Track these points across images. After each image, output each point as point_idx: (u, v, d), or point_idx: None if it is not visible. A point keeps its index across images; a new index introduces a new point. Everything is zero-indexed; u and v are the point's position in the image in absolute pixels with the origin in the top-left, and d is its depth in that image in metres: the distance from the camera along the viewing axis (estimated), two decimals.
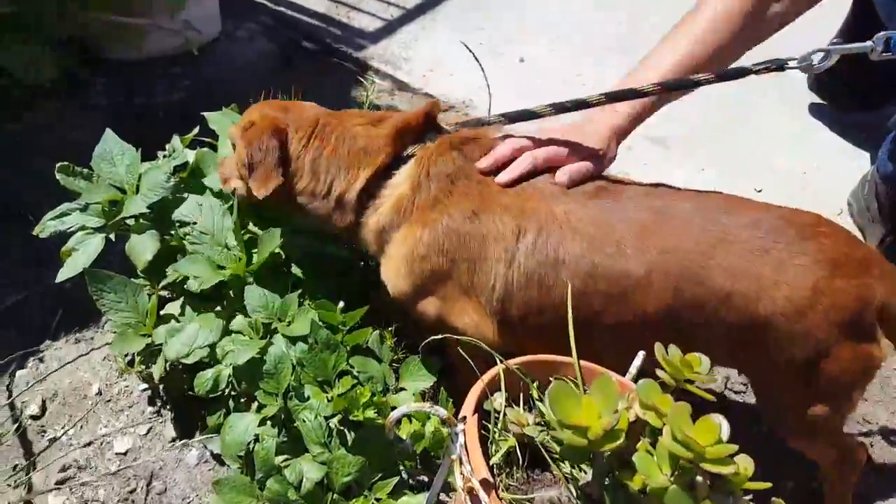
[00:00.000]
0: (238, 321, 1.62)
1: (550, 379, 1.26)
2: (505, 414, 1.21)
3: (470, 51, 2.45)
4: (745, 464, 0.97)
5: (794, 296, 1.35)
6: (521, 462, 1.19)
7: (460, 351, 1.42)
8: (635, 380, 1.24)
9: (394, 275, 1.62)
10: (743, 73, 1.59)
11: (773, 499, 1.02)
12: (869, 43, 1.54)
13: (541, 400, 1.25)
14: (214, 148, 2.02)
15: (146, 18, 2.48)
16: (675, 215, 1.44)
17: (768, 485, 0.97)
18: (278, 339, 1.54)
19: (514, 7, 3.33)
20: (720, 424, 0.97)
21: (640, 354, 1.27)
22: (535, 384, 1.28)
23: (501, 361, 1.25)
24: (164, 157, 1.90)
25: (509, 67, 3.04)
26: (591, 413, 0.99)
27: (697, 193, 1.53)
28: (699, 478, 0.95)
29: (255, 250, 1.69)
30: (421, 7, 3.39)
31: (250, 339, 1.55)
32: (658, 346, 1.13)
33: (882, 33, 1.54)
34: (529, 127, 1.72)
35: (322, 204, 1.64)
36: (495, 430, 1.22)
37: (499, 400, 1.25)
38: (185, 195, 1.78)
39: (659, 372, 1.12)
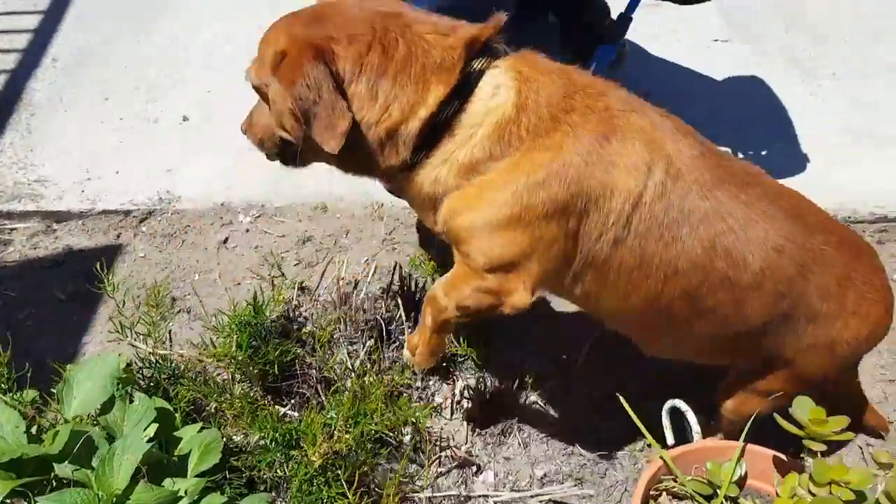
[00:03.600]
0: None
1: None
2: None
3: None
4: None
5: (868, 327, 1.36)
6: None
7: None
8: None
9: (486, 204, 1.25)
10: None
11: None
12: None
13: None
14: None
15: None
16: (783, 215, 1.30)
17: None
18: None
19: (135, 62, 2.64)
20: None
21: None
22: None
23: (661, 458, 1.19)
24: None
25: (176, 133, 2.43)
26: None
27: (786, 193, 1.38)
28: None
29: None
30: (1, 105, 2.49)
31: None
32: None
33: None
34: None
35: (372, 134, 1.23)
36: None
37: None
38: None
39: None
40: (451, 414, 1.79)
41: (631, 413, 1.21)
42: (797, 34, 2.86)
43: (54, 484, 1.23)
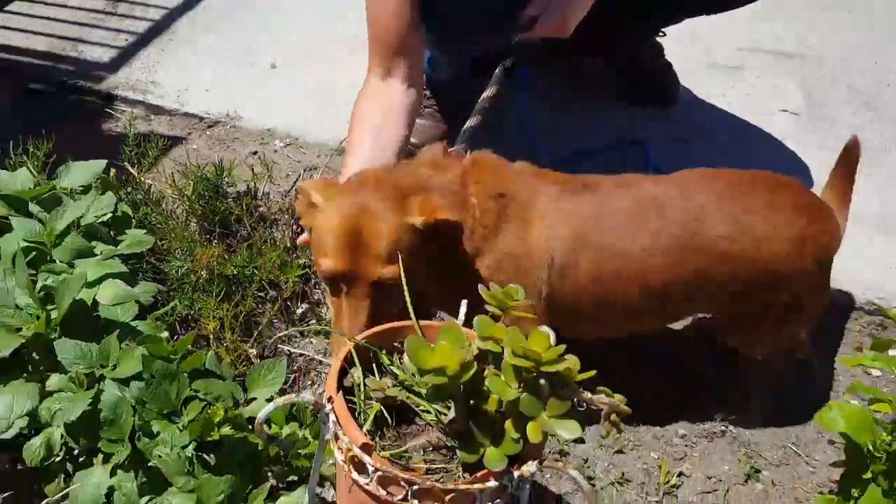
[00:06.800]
0: (55, 380, 1.51)
1: (395, 345, 1.37)
2: (365, 385, 1.30)
3: None
4: (573, 361, 1.14)
5: (787, 244, 1.60)
6: (390, 422, 1.27)
7: None
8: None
9: None
10: None
11: (599, 388, 1.21)
12: None
13: (392, 365, 1.35)
14: None
15: None
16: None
17: (593, 373, 1.15)
18: (108, 384, 1.47)
19: (255, 18, 3.34)
20: (549, 334, 1.14)
21: (464, 303, 1.43)
22: (383, 352, 1.38)
23: (350, 339, 1.34)
24: None
25: (263, 75, 3.06)
26: (446, 354, 1.12)
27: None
28: (541, 381, 1.12)
29: (54, 305, 1.59)
30: (155, 29, 3.27)
31: (75, 393, 1.46)
32: (480, 287, 1.29)
33: None
34: None
35: None
36: (360, 401, 1.30)
37: (356, 374, 1.32)
38: None
39: (488, 307, 1.28)
40: None
41: None
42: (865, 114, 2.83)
43: None
